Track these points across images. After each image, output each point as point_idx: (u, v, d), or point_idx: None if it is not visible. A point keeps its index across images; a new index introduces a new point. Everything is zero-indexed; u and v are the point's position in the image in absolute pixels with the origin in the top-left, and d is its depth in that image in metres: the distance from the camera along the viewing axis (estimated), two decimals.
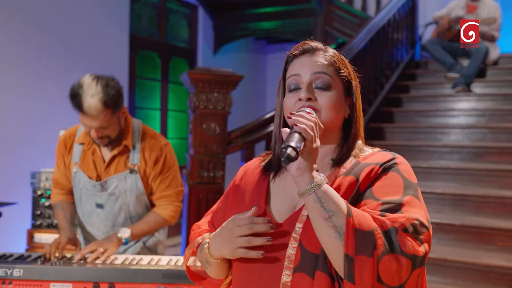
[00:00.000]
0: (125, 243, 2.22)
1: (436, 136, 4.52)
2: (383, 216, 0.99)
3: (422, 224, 0.99)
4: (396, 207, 1.01)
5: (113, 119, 2.15)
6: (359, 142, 1.21)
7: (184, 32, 6.73)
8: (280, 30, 6.81)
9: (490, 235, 3.16)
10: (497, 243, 3.12)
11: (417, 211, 1.01)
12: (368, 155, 1.15)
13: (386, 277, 0.94)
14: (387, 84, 5.14)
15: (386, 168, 1.09)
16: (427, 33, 5.88)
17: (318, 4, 6.23)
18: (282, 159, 0.95)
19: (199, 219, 3.05)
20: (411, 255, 0.95)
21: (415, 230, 0.98)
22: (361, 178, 1.09)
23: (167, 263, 2.01)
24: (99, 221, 2.35)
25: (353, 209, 1.00)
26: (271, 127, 3.37)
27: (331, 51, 1.19)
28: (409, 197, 1.03)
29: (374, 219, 0.98)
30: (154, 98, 6.20)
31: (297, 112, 1.08)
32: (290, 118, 1.04)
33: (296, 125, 1.00)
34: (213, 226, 1.31)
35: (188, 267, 1.33)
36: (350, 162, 1.14)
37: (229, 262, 1.23)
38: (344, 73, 1.17)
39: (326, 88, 1.13)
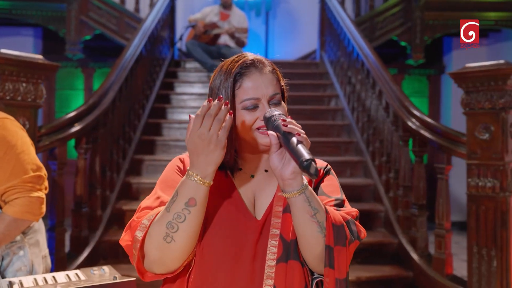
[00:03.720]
0: None
1: None
2: (339, 210, 1.18)
3: (359, 215, 1.23)
4: (341, 203, 1.23)
5: None
6: None
7: None
8: (23, 12, 6.06)
9: None
10: None
11: (350, 207, 1.24)
12: None
13: (349, 259, 1.15)
14: (158, 81, 5.25)
15: (326, 172, 1.30)
16: (186, 35, 6.21)
17: None
18: (312, 172, 1.02)
19: None
20: (362, 239, 1.19)
21: (357, 219, 1.21)
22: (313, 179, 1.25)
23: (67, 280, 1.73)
24: None
25: (326, 206, 1.16)
26: (78, 126, 3.10)
27: (270, 63, 1.28)
28: (344, 196, 1.26)
29: (338, 213, 1.16)
30: None
31: (273, 119, 1.15)
32: (285, 126, 1.10)
33: (299, 134, 1.08)
34: None
35: (140, 263, 1.15)
36: None
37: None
38: (282, 85, 1.30)
39: (279, 103, 1.24)
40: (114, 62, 3.87)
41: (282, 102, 1.25)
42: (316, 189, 1.25)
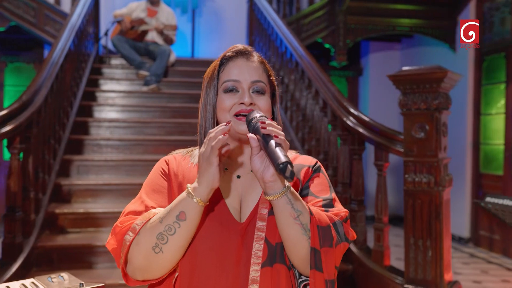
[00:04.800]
0: None
1: (136, 130, 4.73)
2: (327, 211, 1.17)
3: (349, 215, 1.22)
4: (330, 203, 1.21)
5: None
6: None
7: None
8: None
9: None
10: None
11: (341, 205, 1.24)
12: (294, 157, 1.30)
13: (337, 261, 1.14)
14: (84, 78, 5.02)
15: (315, 170, 1.28)
16: (111, 30, 5.98)
17: None
18: (287, 175, 1.00)
19: None
20: (351, 240, 1.17)
21: (346, 220, 1.19)
22: (301, 178, 1.25)
23: None
24: None
25: (311, 207, 1.14)
26: (11, 125, 2.89)
27: (259, 55, 1.30)
28: (334, 194, 1.25)
29: (325, 214, 1.15)
30: None
31: (253, 121, 1.14)
32: (263, 128, 1.08)
33: (276, 137, 1.06)
34: None
35: (124, 267, 1.16)
36: None
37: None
38: (273, 79, 1.29)
39: (262, 92, 1.23)
40: (29, 56, 3.65)
41: (267, 95, 1.24)
42: (305, 188, 1.24)
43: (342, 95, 3.62)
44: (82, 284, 1.69)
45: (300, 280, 1.18)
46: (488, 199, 2.69)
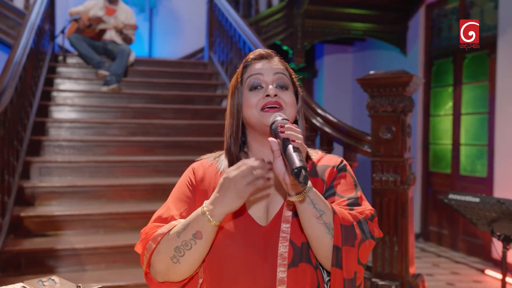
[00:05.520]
0: None
1: (98, 130, 4.65)
2: (352, 210, 1.19)
3: (375, 213, 1.23)
4: (356, 201, 1.22)
5: None
6: None
7: None
8: None
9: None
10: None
11: (367, 203, 1.25)
12: (319, 157, 1.33)
13: (363, 258, 1.15)
14: (42, 77, 4.87)
15: (340, 169, 1.29)
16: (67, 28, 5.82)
17: None
18: (301, 181, 1.02)
19: None
20: (376, 238, 1.19)
21: (372, 218, 1.21)
22: (326, 179, 1.27)
23: None
24: None
25: (334, 206, 1.17)
26: None
27: (280, 58, 1.35)
28: (360, 193, 1.26)
29: (349, 213, 1.17)
30: None
31: (274, 125, 1.17)
32: (282, 132, 1.11)
33: (293, 141, 1.08)
34: None
35: (148, 270, 1.22)
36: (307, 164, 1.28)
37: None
38: (295, 80, 1.32)
39: (286, 87, 1.26)
40: None
41: (290, 91, 1.26)
42: (330, 189, 1.25)
43: (309, 96, 3.73)
44: (79, 286, 1.70)
45: (327, 279, 1.21)
46: (451, 196, 2.87)
